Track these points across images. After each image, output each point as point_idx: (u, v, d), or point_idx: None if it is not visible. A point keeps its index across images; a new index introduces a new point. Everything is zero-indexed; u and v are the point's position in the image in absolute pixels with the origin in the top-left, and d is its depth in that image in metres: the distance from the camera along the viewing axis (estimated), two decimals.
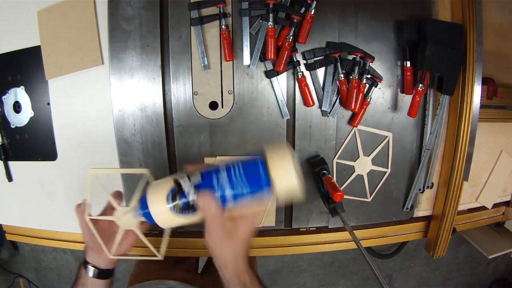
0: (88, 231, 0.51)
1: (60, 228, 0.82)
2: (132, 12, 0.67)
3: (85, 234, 0.52)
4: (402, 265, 2.05)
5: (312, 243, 0.83)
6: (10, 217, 0.85)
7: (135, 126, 0.71)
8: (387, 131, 0.78)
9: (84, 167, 0.76)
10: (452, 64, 0.69)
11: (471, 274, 2.16)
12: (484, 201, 0.91)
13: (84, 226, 0.51)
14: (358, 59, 0.70)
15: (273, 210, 0.78)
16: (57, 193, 0.80)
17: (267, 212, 0.78)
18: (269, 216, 0.78)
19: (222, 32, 0.67)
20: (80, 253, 1.83)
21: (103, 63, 0.71)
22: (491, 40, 0.80)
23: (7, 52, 0.75)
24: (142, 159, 0.73)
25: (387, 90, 0.76)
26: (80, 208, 0.51)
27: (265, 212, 0.78)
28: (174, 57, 0.70)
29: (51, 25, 0.71)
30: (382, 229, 0.85)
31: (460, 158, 0.75)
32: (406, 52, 0.73)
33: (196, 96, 0.71)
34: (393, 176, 0.81)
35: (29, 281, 1.88)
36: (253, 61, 0.70)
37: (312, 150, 0.76)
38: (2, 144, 0.79)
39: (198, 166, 0.47)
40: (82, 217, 0.51)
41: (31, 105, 0.76)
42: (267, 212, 0.78)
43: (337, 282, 2.01)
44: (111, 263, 0.54)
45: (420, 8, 0.75)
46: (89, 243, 0.52)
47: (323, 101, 0.73)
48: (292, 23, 0.66)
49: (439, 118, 0.75)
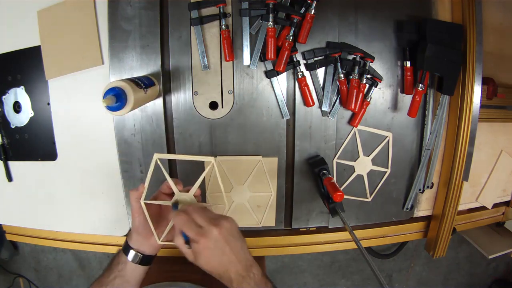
0: (139, 216, 0.52)
1: (60, 228, 0.82)
2: (132, 12, 0.67)
3: (135, 219, 0.53)
4: (402, 265, 2.04)
5: (312, 243, 0.83)
6: (10, 217, 0.85)
7: (135, 126, 0.71)
8: (387, 131, 0.78)
9: (84, 167, 0.77)
10: (452, 64, 0.69)
11: (471, 274, 2.16)
12: (484, 201, 0.91)
13: (136, 211, 0.52)
14: (358, 59, 0.70)
15: (273, 210, 0.78)
16: (57, 193, 0.80)
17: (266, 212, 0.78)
18: (269, 216, 0.78)
19: (222, 32, 0.67)
20: (79, 253, 1.84)
21: (103, 63, 0.71)
22: (491, 40, 0.80)
23: (7, 52, 0.75)
24: (142, 159, 0.73)
25: (387, 90, 0.76)
26: (138, 193, 0.52)
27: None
28: (174, 57, 0.70)
29: (51, 25, 0.71)
30: (382, 229, 0.85)
31: (460, 158, 0.75)
32: (406, 52, 0.73)
33: (196, 96, 0.71)
34: (393, 176, 0.81)
35: (29, 281, 1.88)
36: (253, 61, 0.70)
37: (312, 150, 0.76)
38: (2, 144, 0.79)
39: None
40: (137, 201, 0.52)
41: (31, 105, 0.76)
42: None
43: (337, 282, 2.01)
44: (155, 249, 0.55)
45: (420, 8, 0.75)
46: (139, 228, 0.53)
47: (323, 101, 0.73)
48: (292, 23, 0.66)
49: (439, 118, 0.75)
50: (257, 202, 0.76)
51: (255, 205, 0.76)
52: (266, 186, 0.75)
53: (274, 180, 0.76)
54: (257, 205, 0.76)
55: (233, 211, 0.77)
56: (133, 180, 0.74)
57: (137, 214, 0.53)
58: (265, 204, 0.76)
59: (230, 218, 0.49)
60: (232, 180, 0.75)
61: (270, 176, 0.75)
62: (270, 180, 0.75)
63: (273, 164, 0.75)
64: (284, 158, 0.76)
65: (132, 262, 0.53)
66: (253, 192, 0.76)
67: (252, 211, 0.77)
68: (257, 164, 0.74)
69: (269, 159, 0.75)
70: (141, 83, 0.59)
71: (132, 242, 0.54)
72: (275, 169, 0.75)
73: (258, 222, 0.77)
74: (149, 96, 0.63)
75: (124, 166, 0.73)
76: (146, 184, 0.53)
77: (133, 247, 0.54)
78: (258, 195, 0.76)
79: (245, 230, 0.80)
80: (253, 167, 0.74)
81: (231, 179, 0.75)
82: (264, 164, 0.74)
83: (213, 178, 0.74)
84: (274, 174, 0.75)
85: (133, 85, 0.56)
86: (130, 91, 0.54)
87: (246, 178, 0.75)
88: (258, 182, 0.75)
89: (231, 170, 0.75)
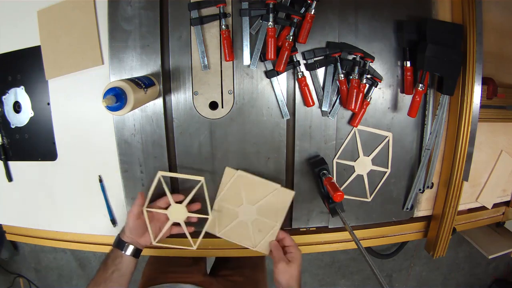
0: (135, 219, 0.65)
1: (60, 228, 0.82)
2: (132, 12, 0.67)
3: (131, 221, 0.66)
4: (402, 265, 2.05)
5: (312, 243, 0.83)
6: (10, 217, 0.85)
7: (135, 126, 0.71)
8: (387, 131, 0.78)
9: (84, 167, 0.77)
10: (452, 64, 0.69)
11: (471, 274, 2.16)
12: (484, 201, 0.91)
13: (134, 215, 0.65)
14: (358, 59, 0.70)
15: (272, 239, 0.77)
16: (57, 193, 0.80)
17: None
18: (265, 244, 0.76)
19: (222, 32, 0.67)
20: (79, 253, 1.84)
21: (103, 63, 0.71)
22: (491, 40, 0.80)
23: (7, 52, 0.75)
24: (142, 159, 0.73)
25: (387, 90, 0.76)
26: (141, 200, 0.66)
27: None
28: (174, 57, 0.70)
29: (51, 25, 0.71)
30: (382, 229, 0.85)
31: (460, 158, 0.75)
32: (406, 52, 0.73)
33: (196, 96, 0.71)
34: (393, 176, 0.81)
35: (29, 281, 1.89)
36: (253, 61, 0.70)
37: (312, 150, 0.76)
38: (2, 144, 0.79)
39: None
40: (139, 207, 0.66)
41: (31, 105, 0.76)
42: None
43: (337, 282, 2.01)
44: (144, 246, 0.69)
45: (420, 8, 0.75)
46: (134, 229, 0.66)
47: (323, 101, 0.73)
48: (292, 23, 0.66)
49: (439, 118, 0.75)
50: (260, 226, 0.75)
51: (257, 229, 0.75)
52: (275, 214, 0.74)
53: (283, 212, 0.74)
54: (258, 229, 0.75)
55: (234, 226, 0.76)
56: (133, 180, 0.74)
57: (135, 218, 0.66)
58: (267, 231, 0.75)
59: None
60: (244, 197, 0.74)
61: (282, 207, 0.74)
62: (281, 210, 0.74)
63: (289, 196, 0.74)
64: (284, 158, 0.75)
65: (129, 255, 0.64)
66: (260, 216, 0.74)
67: (252, 234, 0.75)
68: (273, 192, 0.73)
69: (287, 190, 0.74)
70: (141, 83, 0.60)
71: (126, 238, 0.66)
72: (288, 201, 0.74)
73: (254, 246, 0.76)
74: (149, 96, 0.63)
75: (124, 166, 0.73)
76: (149, 195, 0.68)
77: (127, 241, 0.65)
78: (263, 220, 0.75)
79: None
80: (269, 193, 0.73)
81: (243, 195, 0.74)
82: (280, 194, 0.73)
83: (227, 189, 0.74)
84: (286, 206, 0.74)
85: (133, 85, 0.56)
86: (130, 91, 0.54)
87: (259, 201, 0.74)
88: (268, 208, 0.74)
89: (248, 187, 0.73)
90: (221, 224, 0.76)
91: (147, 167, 0.73)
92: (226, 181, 0.74)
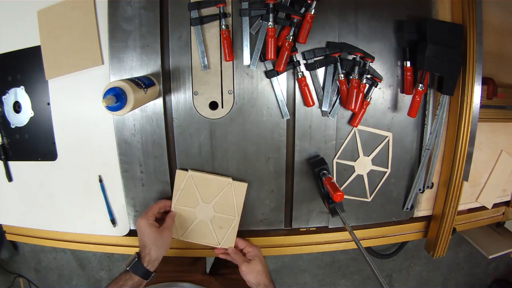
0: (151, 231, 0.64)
1: (60, 228, 0.82)
2: (132, 12, 0.67)
3: (150, 232, 0.64)
4: (402, 265, 2.05)
5: (312, 243, 0.83)
6: (10, 217, 0.85)
7: (135, 126, 0.71)
8: (387, 131, 0.78)
9: (84, 167, 0.77)
10: (452, 64, 0.69)
11: (471, 274, 2.16)
12: (484, 201, 0.91)
13: (151, 225, 0.65)
14: (358, 59, 0.70)
15: (235, 232, 0.77)
16: (57, 193, 0.80)
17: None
18: (229, 238, 0.77)
19: (222, 32, 0.67)
20: (79, 253, 1.84)
21: (103, 63, 0.71)
22: (491, 40, 0.80)
23: (7, 52, 0.75)
24: (142, 159, 0.73)
25: (387, 90, 0.76)
26: (165, 203, 0.72)
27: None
28: (174, 57, 0.70)
29: (51, 25, 0.71)
30: (382, 229, 0.85)
31: (460, 158, 0.75)
32: (406, 52, 0.73)
33: (196, 96, 0.71)
34: (393, 176, 0.81)
35: (29, 281, 1.88)
36: (253, 61, 0.70)
37: (312, 150, 0.76)
38: (2, 144, 0.79)
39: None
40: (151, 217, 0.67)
41: (31, 105, 0.76)
42: None
43: (337, 282, 2.01)
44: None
45: (420, 8, 0.75)
46: (157, 240, 0.64)
47: (323, 101, 0.73)
48: (292, 23, 0.66)
49: (439, 118, 0.75)
50: (220, 222, 0.75)
51: (217, 226, 0.75)
52: (233, 209, 0.75)
53: (240, 205, 0.75)
54: (219, 226, 0.75)
55: (195, 227, 0.76)
56: (133, 180, 0.74)
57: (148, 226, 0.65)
58: (227, 226, 0.75)
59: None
60: (199, 197, 0.74)
61: (238, 201, 0.74)
62: (237, 204, 0.74)
63: (243, 189, 0.74)
64: (284, 158, 0.76)
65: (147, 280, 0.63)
66: (218, 212, 0.75)
67: (214, 231, 0.76)
68: (226, 186, 0.74)
69: (239, 183, 0.74)
70: (141, 83, 0.60)
71: (151, 265, 0.63)
72: (243, 194, 0.74)
73: (218, 243, 0.76)
74: (149, 96, 0.63)
75: (124, 166, 0.73)
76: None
77: (152, 269, 0.64)
78: (222, 216, 0.75)
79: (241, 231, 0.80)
80: (223, 188, 0.74)
81: (198, 195, 0.74)
82: (234, 188, 0.74)
83: (181, 191, 0.73)
84: (242, 199, 0.74)
85: (133, 85, 0.56)
86: (130, 91, 0.54)
87: (214, 198, 0.74)
88: (225, 204, 0.74)
89: (201, 186, 0.74)
90: (181, 227, 0.76)
91: (147, 167, 0.74)
92: (179, 184, 0.73)
